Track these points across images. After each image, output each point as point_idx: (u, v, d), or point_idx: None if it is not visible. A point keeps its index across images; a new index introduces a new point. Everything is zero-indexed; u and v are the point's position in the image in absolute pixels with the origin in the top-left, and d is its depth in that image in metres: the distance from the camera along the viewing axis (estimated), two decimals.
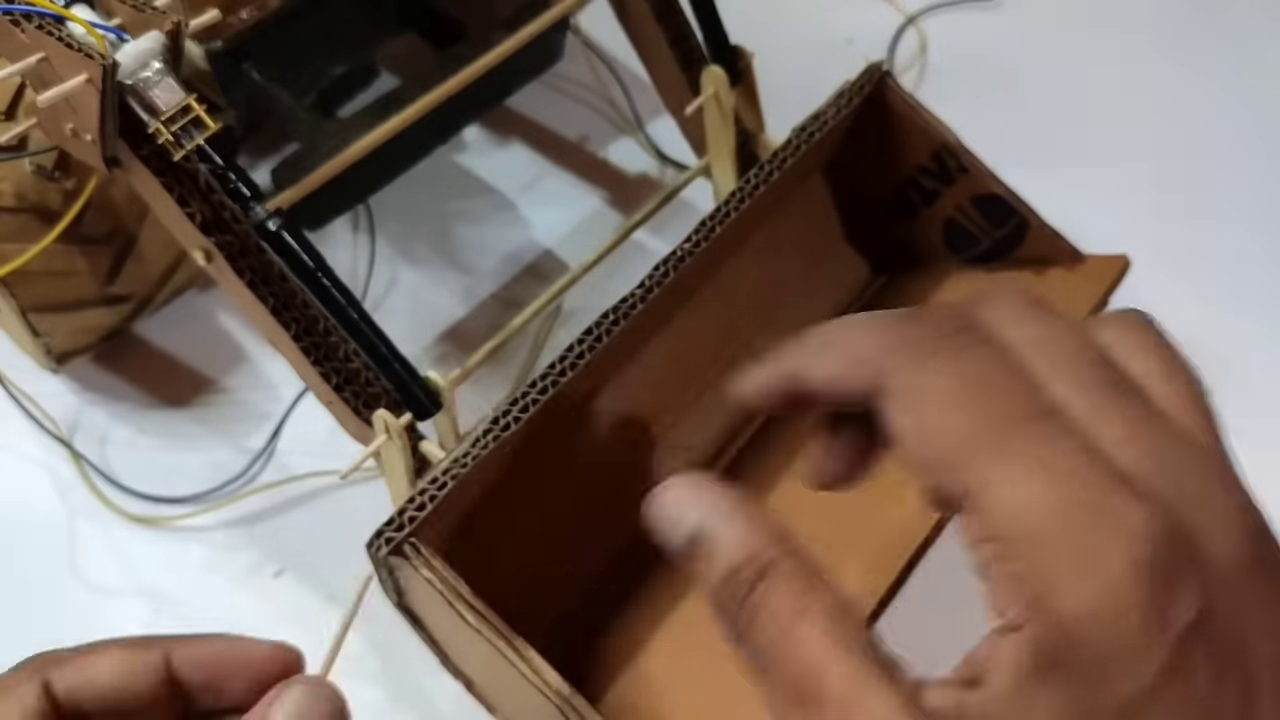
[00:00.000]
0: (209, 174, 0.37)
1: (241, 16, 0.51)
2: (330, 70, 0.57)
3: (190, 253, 0.39)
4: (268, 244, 0.36)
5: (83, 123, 0.36)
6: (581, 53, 0.67)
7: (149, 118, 0.34)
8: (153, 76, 0.33)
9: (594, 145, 0.67)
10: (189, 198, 0.37)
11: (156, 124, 0.34)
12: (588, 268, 0.47)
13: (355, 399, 0.39)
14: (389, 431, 0.35)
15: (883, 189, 0.52)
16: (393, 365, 0.35)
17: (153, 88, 0.33)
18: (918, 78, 0.71)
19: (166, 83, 0.33)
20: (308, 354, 0.38)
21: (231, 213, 0.38)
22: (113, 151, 0.37)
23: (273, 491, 0.51)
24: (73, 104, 0.36)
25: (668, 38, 0.50)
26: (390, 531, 0.33)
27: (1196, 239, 0.62)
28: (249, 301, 0.38)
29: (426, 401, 0.35)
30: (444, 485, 0.33)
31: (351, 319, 0.35)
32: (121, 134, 0.36)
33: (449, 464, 0.34)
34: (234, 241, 0.38)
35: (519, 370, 0.55)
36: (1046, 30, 0.74)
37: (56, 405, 0.53)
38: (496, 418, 0.35)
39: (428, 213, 0.63)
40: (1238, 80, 0.71)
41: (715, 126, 0.50)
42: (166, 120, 0.33)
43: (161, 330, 0.56)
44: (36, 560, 0.49)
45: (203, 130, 0.34)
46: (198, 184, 0.38)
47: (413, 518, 0.33)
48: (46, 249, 0.47)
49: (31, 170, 0.47)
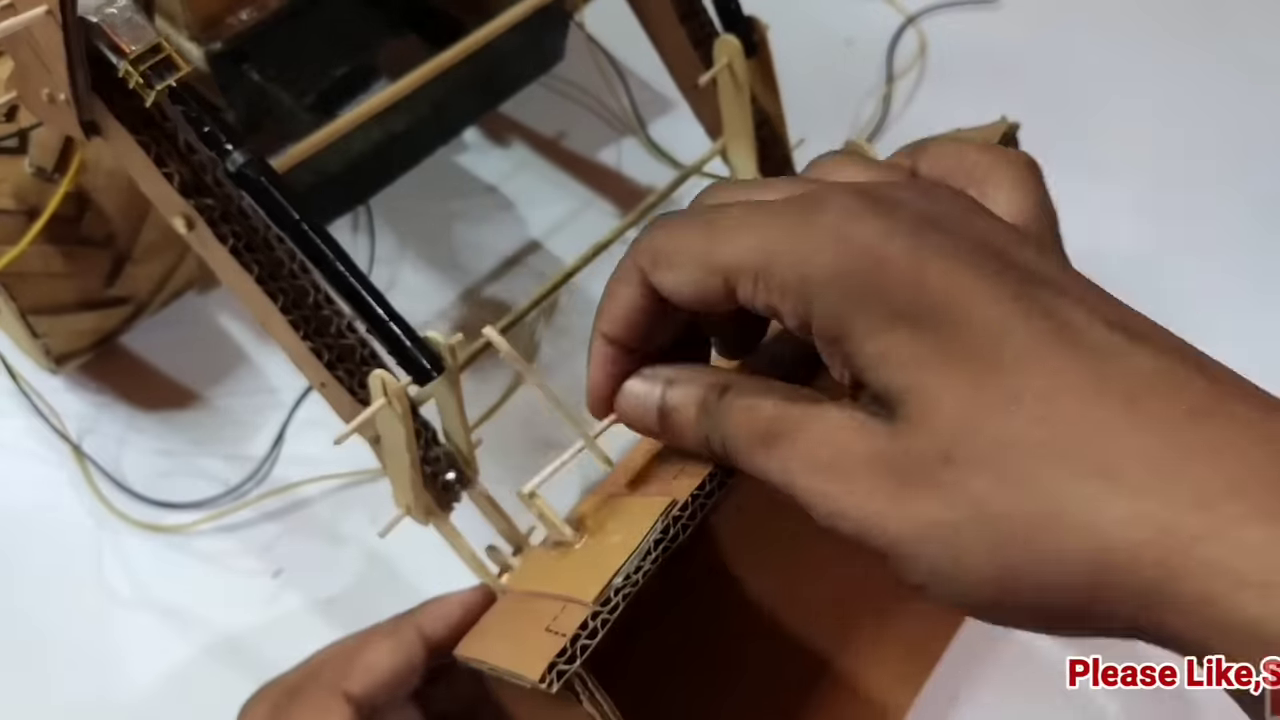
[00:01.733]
0: (189, 128, 0.32)
1: (241, 17, 0.49)
2: (330, 71, 0.55)
3: (171, 221, 0.34)
4: (244, 190, 0.32)
5: (56, 80, 0.32)
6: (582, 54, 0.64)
7: (116, 59, 0.30)
8: (119, 13, 0.29)
9: (594, 146, 0.64)
10: (166, 158, 0.33)
11: (124, 65, 0.30)
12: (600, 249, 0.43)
13: (349, 378, 0.35)
14: (386, 395, 0.30)
15: None
16: (387, 324, 0.31)
17: (119, 25, 0.29)
18: (918, 78, 0.69)
19: (134, 20, 0.29)
20: (297, 328, 0.34)
21: (213, 175, 0.34)
22: (89, 113, 0.33)
23: (274, 496, 0.49)
24: (44, 59, 0.32)
25: (678, 13, 0.46)
26: (562, 663, 0.26)
27: (1197, 239, 0.60)
28: (233, 272, 0.34)
29: (426, 364, 0.31)
30: (617, 607, 0.26)
31: (339, 271, 0.31)
32: (96, 91, 0.33)
33: (621, 580, 0.26)
34: (215, 206, 0.34)
35: None
36: (1046, 30, 0.72)
37: (59, 406, 0.51)
38: (666, 526, 0.27)
39: (427, 213, 0.60)
40: (1238, 80, 0.68)
41: (730, 102, 0.46)
42: (135, 60, 0.29)
43: (161, 333, 0.54)
44: (38, 562, 0.48)
45: (174, 71, 0.30)
46: (176, 144, 0.34)
47: (585, 646, 0.26)
48: (46, 252, 0.46)
49: (31, 172, 0.45)
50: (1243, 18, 0.73)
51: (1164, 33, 0.71)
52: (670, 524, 0.27)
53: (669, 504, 0.27)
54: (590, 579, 0.26)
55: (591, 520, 0.29)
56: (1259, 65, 0.69)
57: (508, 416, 0.50)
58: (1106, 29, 0.72)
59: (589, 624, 0.26)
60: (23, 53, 0.33)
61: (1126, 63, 0.70)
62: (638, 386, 0.27)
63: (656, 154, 0.62)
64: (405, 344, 0.31)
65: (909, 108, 0.68)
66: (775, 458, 0.24)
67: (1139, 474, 0.20)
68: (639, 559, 0.26)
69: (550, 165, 0.63)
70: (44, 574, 0.47)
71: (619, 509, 0.29)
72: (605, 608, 0.26)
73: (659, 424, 0.27)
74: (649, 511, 0.27)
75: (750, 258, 0.24)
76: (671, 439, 0.27)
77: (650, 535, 0.27)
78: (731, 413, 0.25)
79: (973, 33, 0.71)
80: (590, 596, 0.26)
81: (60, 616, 0.46)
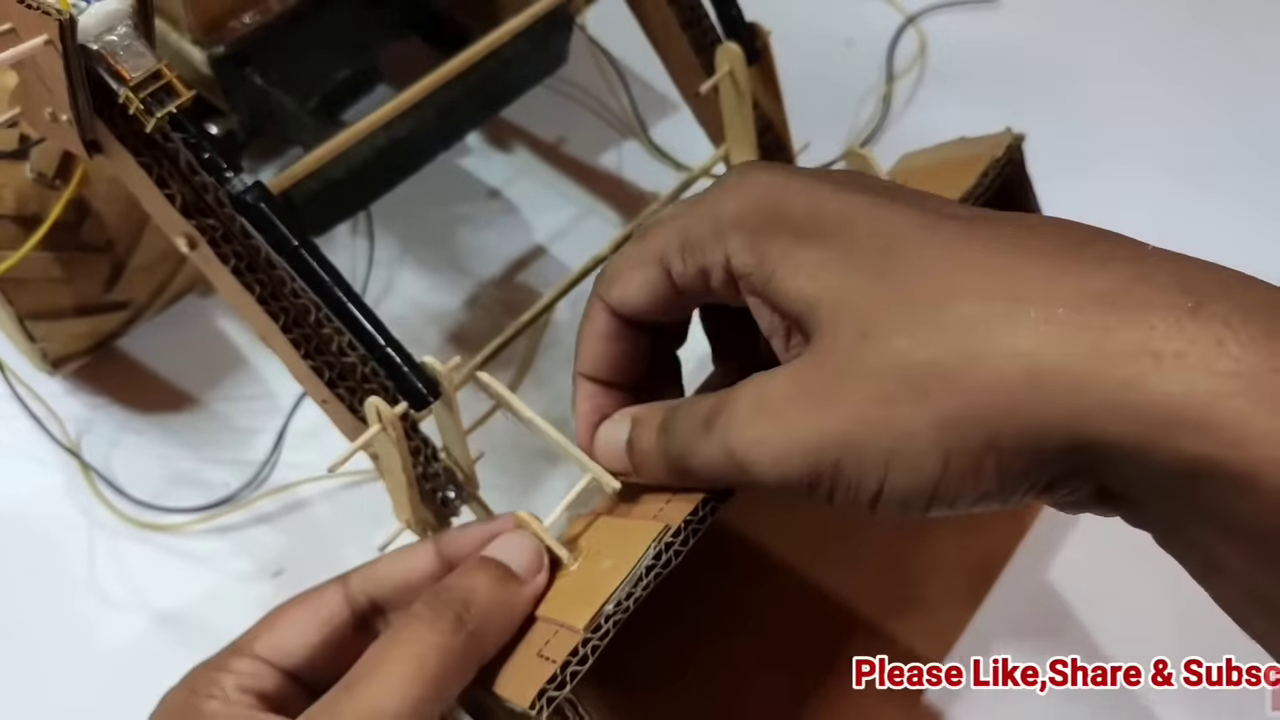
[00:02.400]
0: (189, 153, 0.32)
1: (244, 21, 0.49)
2: (333, 74, 0.55)
3: (174, 240, 0.34)
4: (244, 217, 0.32)
5: (57, 101, 0.32)
6: (584, 55, 0.64)
7: (117, 85, 0.30)
8: (119, 40, 0.29)
9: (597, 149, 0.63)
10: (168, 179, 0.33)
11: (125, 91, 0.29)
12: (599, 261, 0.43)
13: (350, 395, 0.35)
14: (381, 421, 0.30)
15: None
16: (384, 349, 0.31)
17: (119, 51, 0.29)
18: (918, 78, 0.69)
19: (135, 47, 0.29)
20: (298, 346, 0.34)
21: (215, 196, 0.34)
22: (91, 133, 0.33)
23: (273, 496, 0.49)
24: (46, 82, 0.32)
25: (680, 20, 0.46)
26: (552, 690, 0.26)
27: (1197, 239, 0.58)
28: (235, 291, 0.34)
29: (423, 389, 0.31)
30: (607, 634, 0.26)
31: (337, 298, 0.31)
32: (98, 113, 0.32)
33: (612, 608, 0.26)
34: (217, 225, 0.34)
35: (511, 376, 0.53)
36: (1046, 30, 0.72)
37: (58, 409, 0.51)
38: (659, 552, 0.27)
39: (429, 217, 0.59)
40: (1238, 80, 0.68)
41: (732, 109, 0.46)
42: (135, 87, 0.29)
43: (161, 336, 0.53)
44: (34, 563, 0.47)
45: (175, 98, 0.30)
46: (178, 165, 0.33)
47: (575, 673, 0.26)
48: (45, 258, 0.46)
49: (32, 178, 0.45)
50: (1242, 17, 0.72)
51: (1164, 32, 0.71)
52: (663, 550, 0.27)
53: (662, 530, 0.27)
54: (582, 604, 0.27)
55: (585, 542, 0.30)
56: (1259, 65, 0.68)
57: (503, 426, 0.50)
58: (1107, 28, 0.71)
59: (579, 650, 0.26)
60: (25, 72, 0.33)
61: (1127, 62, 0.69)
62: (607, 428, 0.29)
63: (659, 156, 0.62)
64: (403, 370, 0.31)
65: (909, 108, 0.67)
66: (715, 433, 0.25)
67: (1041, 292, 0.21)
68: (630, 585, 0.26)
69: (552, 170, 0.62)
70: (39, 575, 0.47)
71: (613, 532, 0.29)
72: (596, 634, 0.26)
73: (630, 460, 0.28)
74: (642, 536, 0.27)
75: (674, 234, 0.26)
76: (643, 473, 0.28)
77: (643, 561, 0.27)
78: (679, 418, 0.27)
79: (973, 33, 0.71)
80: (582, 623, 0.26)
81: (55, 617, 0.46)
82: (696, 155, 0.51)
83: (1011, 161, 0.41)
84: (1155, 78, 0.68)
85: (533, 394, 0.53)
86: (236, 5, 0.48)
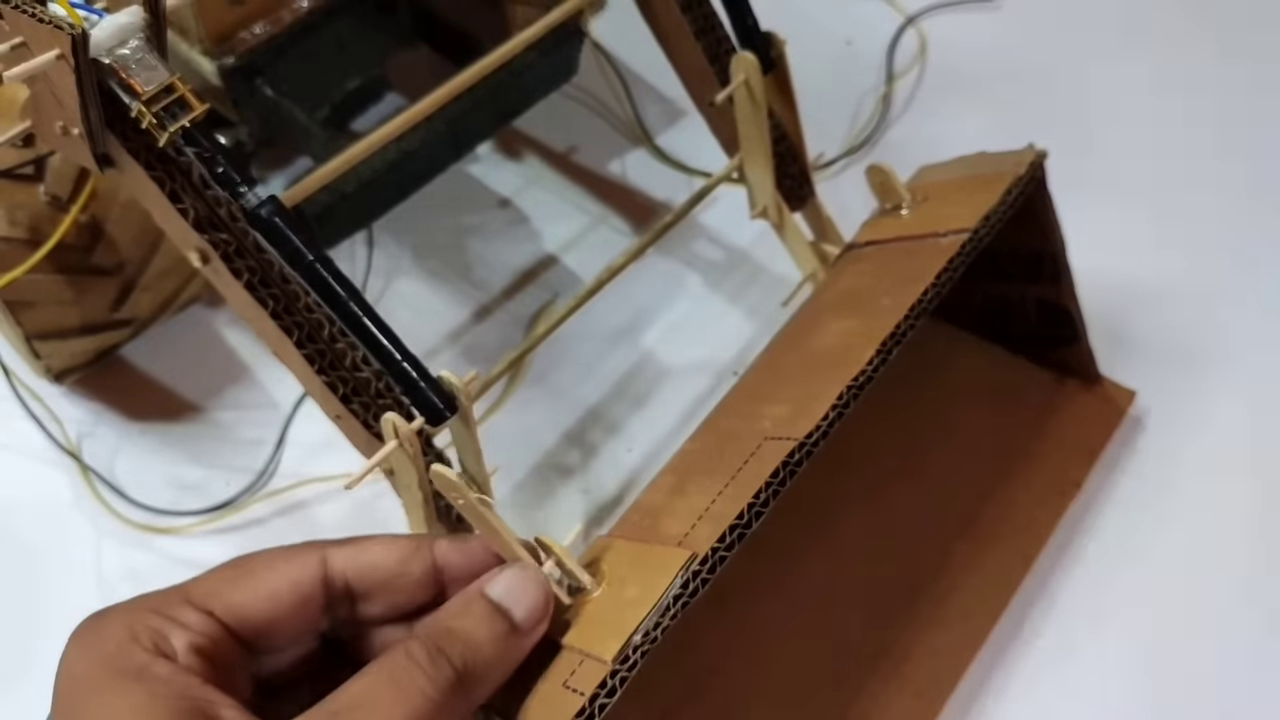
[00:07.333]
0: (203, 167, 0.31)
1: (255, 32, 0.48)
2: (343, 84, 0.54)
3: (186, 254, 0.33)
4: (258, 231, 0.30)
5: (69, 115, 0.31)
6: (593, 65, 0.62)
7: (129, 99, 0.28)
8: (131, 54, 0.27)
9: (606, 158, 0.62)
10: (181, 193, 0.32)
11: (138, 105, 0.28)
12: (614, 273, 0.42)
13: (365, 411, 0.34)
14: (398, 437, 0.29)
15: None
16: (401, 364, 0.29)
17: (131, 65, 0.27)
18: (918, 78, 0.67)
19: (147, 60, 0.28)
20: (312, 361, 0.33)
21: (228, 210, 0.32)
22: (103, 147, 0.32)
23: (275, 501, 0.48)
24: (58, 96, 0.31)
25: (694, 29, 0.44)
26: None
27: (1196, 239, 0.58)
28: (248, 305, 0.33)
29: (439, 404, 0.29)
30: (635, 665, 0.25)
31: (352, 312, 0.29)
32: (110, 126, 0.31)
33: (640, 639, 0.25)
34: (230, 240, 0.32)
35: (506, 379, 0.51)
36: (1046, 30, 0.70)
37: (60, 413, 0.50)
38: (686, 581, 0.26)
39: (440, 228, 0.58)
40: (1237, 80, 0.66)
41: (747, 119, 0.44)
42: (148, 101, 0.28)
43: (164, 344, 0.52)
44: (37, 567, 0.46)
45: (188, 112, 0.28)
46: (191, 179, 0.32)
47: (603, 705, 0.25)
48: (56, 281, 0.45)
49: (46, 200, 0.44)
50: (1241, 17, 0.71)
51: (1163, 31, 0.69)
52: (690, 579, 0.26)
53: (689, 558, 0.26)
54: (609, 634, 0.25)
55: (608, 566, 0.28)
56: (1258, 65, 0.67)
57: (511, 437, 0.49)
58: (1106, 28, 0.70)
59: (608, 683, 0.24)
60: (37, 86, 0.32)
61: (1126, 62, 0.67)
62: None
63: (669, 164, 0.60)
64: (419, 385, 0.30)
65: (909, 108, 0.66)
66: None
67: None
68: (658, 615, 0.25)
69: (563, 179, 0.61)
70: (42, 580, 0.46)
71: (636, 555, 0.28)
72: (624, 666, 0.25)
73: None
74: (667, 564, 0.26)
75: None
76: None
77: (670, 591, 0.25)
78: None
79: (973, 33, 0.69)
80: (610, 655, 0.25)
81: (55, 618, 0.44)
82: (707, 159, 0.49)
83: (1034, 179, 0.39)
84: (1155, 77, 0.67)
85: (531, 392, 0.51)
86: (247, 16, 0.47)
